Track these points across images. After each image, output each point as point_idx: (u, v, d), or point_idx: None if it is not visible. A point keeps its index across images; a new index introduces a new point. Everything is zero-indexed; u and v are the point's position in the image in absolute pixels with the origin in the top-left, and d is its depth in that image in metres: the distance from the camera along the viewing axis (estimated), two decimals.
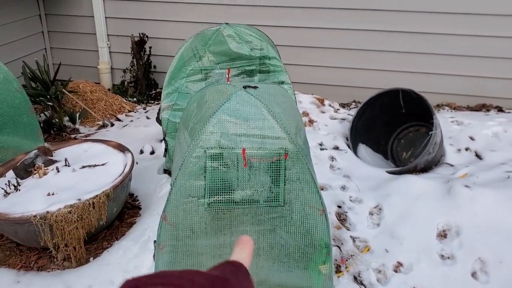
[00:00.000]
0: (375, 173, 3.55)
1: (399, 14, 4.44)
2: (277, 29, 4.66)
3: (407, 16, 4.43)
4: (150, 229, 2.81)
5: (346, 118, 4.26)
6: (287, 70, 3.30)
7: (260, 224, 2.31)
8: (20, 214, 2.49)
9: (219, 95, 2.38)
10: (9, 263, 2.67)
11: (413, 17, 4.42)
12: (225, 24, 3.26)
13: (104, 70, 5.37)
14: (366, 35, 4.58)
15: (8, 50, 4.79)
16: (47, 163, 2.92)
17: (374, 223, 3.08)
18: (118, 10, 5.13)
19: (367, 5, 4.47)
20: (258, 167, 2.23)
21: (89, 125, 4.53)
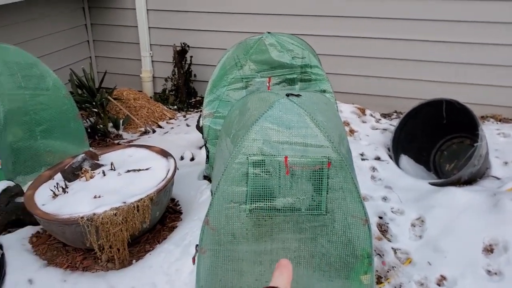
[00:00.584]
0: (417, 185, 3.49)
1: (442, 23, 4.37)
2: (319, 38, 4.66)
3: (450, 26, 4.36)
4: (191, 233, 2.85)
5: (387, 129, 4.21)
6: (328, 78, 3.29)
7: (301, 232, 2.30)
8: (68, 215, 2.58)
9: (262, 103, 2.40)
10: (56, 263, 2.76)
11: (457, 27, 4.34)
12: (267, 33, 3.29)
13: (146, 79, 5.50)
14: (409, 45, 4.52)
15: (56, 58, 4.98)
16: (94, 167, 3.01)
17: (416, 235, 3.02)
18: (161, 21, 5.26)
19: (409, 15, 4.42)
20: (300, 175, 2.23)
21: (132, 131, 4.64)
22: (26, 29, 4.61)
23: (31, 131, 3.54)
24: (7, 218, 2.98)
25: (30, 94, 3.51)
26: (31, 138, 3.54)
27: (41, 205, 2.74)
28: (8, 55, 3.45)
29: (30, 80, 3.52)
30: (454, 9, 4.30)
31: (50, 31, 4.94)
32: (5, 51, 3.45)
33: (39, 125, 3.57)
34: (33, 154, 3.57)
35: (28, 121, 3.51)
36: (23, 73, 3.48)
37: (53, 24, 4.98)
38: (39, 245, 2.90)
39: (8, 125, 3.37)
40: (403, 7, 4.41)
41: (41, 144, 3.60)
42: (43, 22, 4.84)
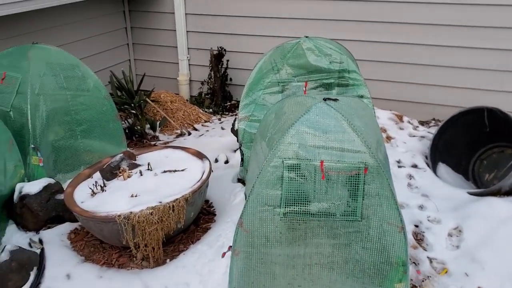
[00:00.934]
0: (455, 194, 3.40)
1: (484, 30, 4.26)
2: (358, 43, 4.63)
3: (492, 32, 4.24)
4: (225, 235, 2.87)
5: (425, 136, 4.13)
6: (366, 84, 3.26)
7: (335, 237, 2.29)
8: (105, 213, 2.64)
9: (298, 107, 2.40)
10: (93, 259, 2.83)
11: (499, 33, 4.22)
12: (305, 37, 3.29)
13: (183, 82, 5.58)
14: (448, 51, 4.43)
15: (97, 60, 5.12)
16: (131, 167, 3.07)
17: (453, 245, 2.95)
18: (199, 25, 5.33)
19: (450, 21, 4.33)
20: (336, 180, 2.21)
21: (168, 133, 4.72)
22: (69, 32, 4.77)
23: (72, 131, 3.64)
24: (47, 214, 3.08)
25: (71, 94, 3.62)
26: (71, 137, 3.65)
27: (80, 202, 2.82)
28: (51, 57, 3.57)
29: (72, 81, 3.63)
30: (495, 16, 4.18)
31: (91, 34, 5.09)
32: (48, 53, 3.58)
33: (80, 125, 3.68)
34: (73, 153, 3.67)
35: (69, 121, 3.62)
36: (65, 74, 3.59)
37: (95, 27, 5.12)
38: (77, 241, 2.98)
39: (50, 124, 3.48)
40: (442, 14, 4.33)
41: (81, 143, 3.71)
42: (85, 25, 4.98)
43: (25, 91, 3.35)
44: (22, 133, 3.36)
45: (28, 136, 3.35)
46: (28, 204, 3.02)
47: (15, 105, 3.36)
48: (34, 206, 3.01)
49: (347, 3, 4.60)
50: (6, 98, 3.38)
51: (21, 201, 3.04)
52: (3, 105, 3.39)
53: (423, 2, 4.36)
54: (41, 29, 4.43)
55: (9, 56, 3.51)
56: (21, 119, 3.35)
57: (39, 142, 3.37)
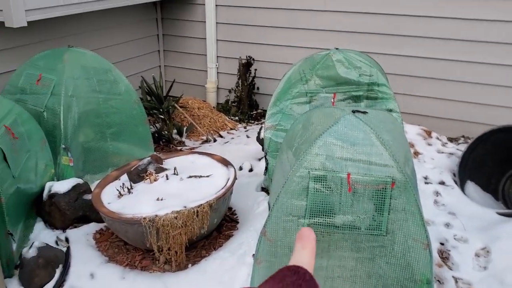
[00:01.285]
0: (483, 213, 3.33)
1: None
2: (388, 57, 4.59)
3: None
4: (247, 243, 2.87)
5: (454, 153, 4.06)
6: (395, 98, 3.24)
7: (359, 251, 2.26)
8: (131, 215, 2.68)
9: (327, 118, 2.39)
10: (117, 260, 2.86)
11: None
12: (335, 49, 3.29)
13: (211, 89, 5.63)
14: (480, 68, 4.36)
15: (129, 65, 5.22)
16: (158, 170, 3.11)
17: (480, 266, 2.88)
18: (229, 34, 5.39)
19: (483, 37, 4.27)
20: (363, 193, 2.19)
21: (194, 139, 4.76)
22: (103, 36, 4.88)
23: (102, 133, 3.72)
24: (74, 214, 3.14)
25: (103, 97, 3.69)
26: (101, 139, 3.72)
27: (107, 203, 2.87)
28: (85, 60, 3.66)
29: (104, 85, 3.71)
30: None
31: (125, 39, 5.19)
32: (83, 56, 3.66)
33: (110, 127, 3.75)
34: (102, 155, 3.74)
35: (100, 123, 3.69)
36: (98, 78, 3.68)
37: (128, 33, 5.23)
38: (102, 241, 3.02)
39: (81, 126, 3.56)
40: (476, 30, 4.27)
41: (110, 145, 3.77)
42: (119, 31, 5.09)
43: (59, 93, 3.44)
44: (54, 133, 3.45)
45: (59, 137, 3.43)
46: (56, 203, 3.09)
47: (49, 106, 3.45)
48: (62, 205, 3.08)
49: (379, 17, 4.59)
50: (40, 99, 3.48)
51: (50, 200, 3.11)
52: (37, 106, 3.48)
53: (457, 18, 4.30)
54: (77, 33, 4.55)
55: (45, 58, 3.61)
56: (53, 120, 3.44)
57: (70, 142, 3.45)
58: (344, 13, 4.72)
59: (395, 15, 4.52)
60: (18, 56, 3.96)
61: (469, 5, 4.23)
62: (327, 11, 4.79)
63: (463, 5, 4.25)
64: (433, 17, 4.39)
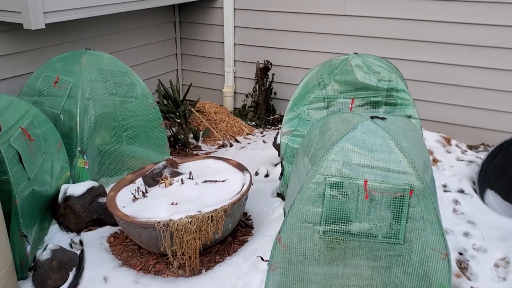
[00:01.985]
0: (503, 223, 3.25)
1: None
2: (408, 63, 4.53)
3: None
4: (261, 249, 2.84)
5: (474, 161, 3.98)
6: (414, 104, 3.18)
7: (375, 260, 2.22)
8: (145, 219, 2.67)
9: (344, 124, 2.36)
10: (131, 264, 2.86)
11: None
12: (354, 54, 3.25)
13: (228, 94, 5.63)
14: (501, 75, 4.27)
15: (145, 68, 5.25)
16: (173, 175, 3.10)
17: (499, 277, 2.80)
18: (246, 38, 5.38)
19: (505, 44, 4.18)
20: (380, 201, 2.15)
21: (210, 143, 4.75)
22: (121, 39, 4.91)
23: (118, 136, 3.73)
24: (89, 217, 3.14)
25: (120, 100, 3.70)
26: (117, 142, 3.73)
27: (122, 207, 2.87)
28: (103, 63, 3.67)
29: (121, 88, 3.72)
30: None
31: (142, 43, 5.22)
32: (100, 59, 3.68)
33: (126, 130, 3.75)
34: (117, 158, 3.75)
35: (116, 126, 3.70)
36: (115, 81, 3.69)
37: (146, 36, 5.26)
38: (116, 245, 3.02)
39: (97, 129, 3.57)
40: (498, 35, 4.19)
41: (126, 149, 3.78)
42: (137, 34, 5.12)
43: (76, 95, 3.46)
44: (70, 135, 3.47)
45: (75, 139, 3.44)
46: (71, 205, 3.10)
47: (66, 108, 3.47)
48: (77, 208, 3.08)
49: (398, 22, 4.53)
50: (57, 101, 3.50)
51: (65, 202, 3.12)
52: (54, 108, 3.51)
53: (479, 24, 4.23)
54: (95, 36, 4.58)
55: (63, 60, 3.64)
56: (70, 122, 3.46)
57: (86, 145, 3.46)
58: (363, 17, 4.67)
59: (414, 20, 4.46)
60: (36, 58, 4.00)
61: (490, 10, 4.15)
62: (346, 16, 4.75)
63: (483, 10, 4.18)
64: (453, 23, 4.32)
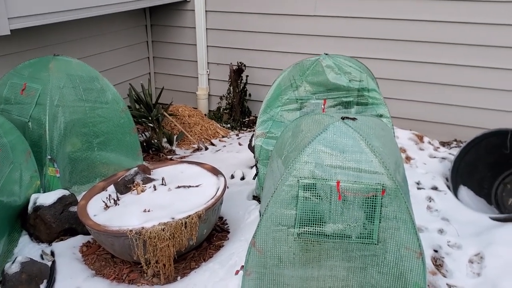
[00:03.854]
0: (477, 218, 3.29)
1: (506, 50, 4.16)
2: (378, 62, 4.57)
3: None
4: (237, 254, 2.81)
5: (446, 157, 4.03)
6: (386, 103, 3.20)
7: (350, 260, 2.22)
8: (117, 228, 2.61)
9: (316, 125, 2.35)
10: (104, 273, 2.79)
11: None
12: (325, 55, 3.25)
13: (202, 96, 5.59)
14: (471, 71, 4.34)
15: (117, 73, 5.17)
16: (145, 181, 3.05)
17: (474, 272, 2.83)
18: (219, 40, 5.35)
19: (472, 41, 4.25)
20: (353, 201, 2.15)
21: (184, 147, 4.71)
22: (90, 44, 4.82)
23: (89, 143, 3.65)
24: (60, 226, 3.07)
25: (90, 106, 3.63)
26: (88, 149, 3.66)
27: (93, 215, 2.80)
28: (71, 69, 3.59)
29: (91, 93, 3.64)
30: None
31: (113, 47, 5.14)
32: (69, 65, 3.60)
33: (97, 137, 3.68)
34: (89, 165, 3.68)
35: (87, 133, 3.63)
36: (85, 86, 3.61)
37: (117, 40, 5.18)
38: (89, 254, 2.95)
39: (67, 136, 3.49)
40: (466, 33, 4.26)
41: (98, 155, 3.71)
42: (107, 38, 5.04)
43: (45, 102, 3.37)
44: (40, 143, 3.38)
45: (45, 147, 3.36)
46: (41, 216, 3.02)
47: (34, 116, 3.38)
48: (47, 218, 3.01)
49: (369, 21, 4.57)
50: (25, 109, 3.41)
51: (35, 212, 3.04)
52: (22, 116, 3.41)
53: (447, 21, 4.29)
54: (64, 42, 4.48)
55: (30, 67, 3.54)
56: (39, 130, 3.37)
57: (56, 153, 3.38)
58: (334, 18, 4.70)
59: (384, 19, 4.51)
60: (2, 65, 3.89)
61: (459, 8, 4.22)
62: (317, 16, 4.77)
63: (451, 8, 4.24)
64: (423, 21, 4.38)
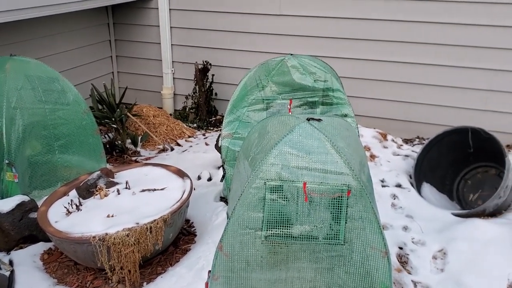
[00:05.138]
0: (439, 215, 3.37)
1: (470, 49, 4.28)
2: (342, 61, 4.61)
3: (475, 52, 4.26)
4: (205, 257, 2.78)
5: (409, 155, 4.10)
6: (350, 102, 3.23)
7: (317, 261, 2.22)
8: (80, 234, 2.54)
9: (282, 126, 2.34)
10: (67, 281, 2.71)
11: (481, 52, 4.25)
12: (290, 55, 3.25)
13: (167, 96, 5.51)
14: (434, 70, 4.44)
15: (78, 73, 5.03)
16: (109, 185, 2.98)
17: (437, 268, 2.90)
18: (184, 38, 5.28)
19: (435, 40, 4.35)
20: (319, 202, 2.15)
21: (150, 148, 4.62)
22: (50, 44, 4.67)
23: (50, 146, 3.54)
24: (20, 234, 2.96)
25: (50, 108, 3.52)
26: (49, 152, 3.54)
27: (54, 222, 2.72)
28: (30, 69, 3.48)
29: (51, 95, 3.54)
30: (480, 36, 4.21)
31: (74, 46, 5.00)
32: (27, 65, 3.48)
33: (58, 139, 3.58)
34: (50, 169, 3.57)
35: (47, 136, 3.52)
36: (44, 88, 3.50)
37: (78, 39, 5.04)
38: (50, 262, 2.86)
39: (26, 139, 3.38)
40: (428, 32, 4.35)
41: (59, 159, 3.60)
42: (68, 37, 4.90)
43: (1, 105, 3.25)
44: None
45: (2, 151, 3.24)
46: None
47: None
48: (5, 225, 2.89)
49: (333, 21, 4.60)
50: None
51: None
52: None
53: (409, 21, 4.37)
54: (21, 41, 4.33)
55: None
56: None
57: (14, 157, 3.26)
58: (299, 17, 4.71)
59: (348, 19, 4.55)
60: None
61: (423, 8, 4.29)
62: (282, 15, 4.77)
63: (416, 8, 4.31)
64: (386, 20, 4.44)
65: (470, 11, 4.17)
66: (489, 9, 4.12)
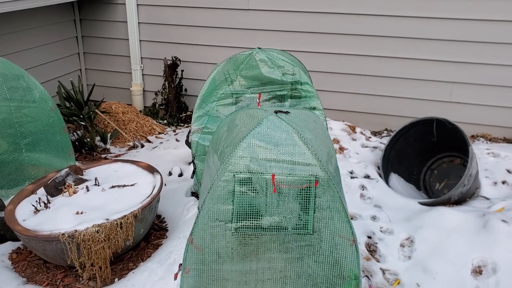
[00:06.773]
0: (407, 204, 3.45)
1: (434, 42, 4.38)
2: (310, 55, 4.66)
3: (442, 45, 4.37)
4: (176, 251, 2.79)
5: (378, 147, 4.19)
6: (318, 96, 3.28)
7: (287, 252, 2.26)
8: (48, 232, 2.51)
9: (250, 119, 2.37)
10: (36, 280, 2.68)
11: (449, 46, 4.36)
12: (258, 49, 3.27)
13: (136, 92, 5.46)
14: (399, 62, 4.53)
15: (44, 70, 4.93)
16: (78, 182, 2.95)
17: (405, 256, 2.98)
18: (152, 34, 5.24)
19: (400, 33, 4.44)
20: (288, 193, 2.19)
21: (119, 145, 4.58)
22: (14, 41, 4.57)
23: (16, 144, 3.47)
24: None
25: (15, 106, 3.45)
26: (15, 151, 3.47)
27: (22, 220, 2.67)
28: None
29: (16, 92, 3.46)
30: (444, 29, 4.32)
31: (39, 43, 4.90)
32: None
33: (24, 138, 3.51)
34: (17, 167, 3.50)
35: (13, 134, 3.45)
36: (9, 85, 3.43)
37: (43, 36, 4.94)
38: (19, 261, 2.82)
39: None
40: (394, 25, 4.43)
41: (26, 157, 3.54)
42: (33, 34, 4.80)
43: None
44: None
45: None
46: None
47: None
48: None
49: (301, 15, 4.64)
50: None
51: None
52: None
53: (376, 15, 4.44)
54: None
55: None
56: None
57: None
58: (267, 11, 4.73)
59: (315, 13, 4.60)
60: None
61: (387, 2, 4.37)
62: (250, 10, 4.78)
63: (381, 2, 4.39)
64: (353, 14, 4.51)
65: (432, 5, 4.27)
66: (450, 3, 4.23)
